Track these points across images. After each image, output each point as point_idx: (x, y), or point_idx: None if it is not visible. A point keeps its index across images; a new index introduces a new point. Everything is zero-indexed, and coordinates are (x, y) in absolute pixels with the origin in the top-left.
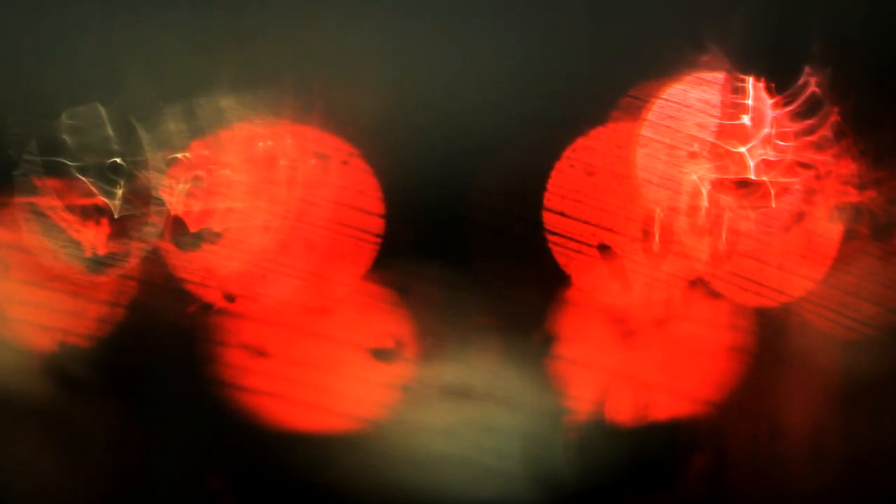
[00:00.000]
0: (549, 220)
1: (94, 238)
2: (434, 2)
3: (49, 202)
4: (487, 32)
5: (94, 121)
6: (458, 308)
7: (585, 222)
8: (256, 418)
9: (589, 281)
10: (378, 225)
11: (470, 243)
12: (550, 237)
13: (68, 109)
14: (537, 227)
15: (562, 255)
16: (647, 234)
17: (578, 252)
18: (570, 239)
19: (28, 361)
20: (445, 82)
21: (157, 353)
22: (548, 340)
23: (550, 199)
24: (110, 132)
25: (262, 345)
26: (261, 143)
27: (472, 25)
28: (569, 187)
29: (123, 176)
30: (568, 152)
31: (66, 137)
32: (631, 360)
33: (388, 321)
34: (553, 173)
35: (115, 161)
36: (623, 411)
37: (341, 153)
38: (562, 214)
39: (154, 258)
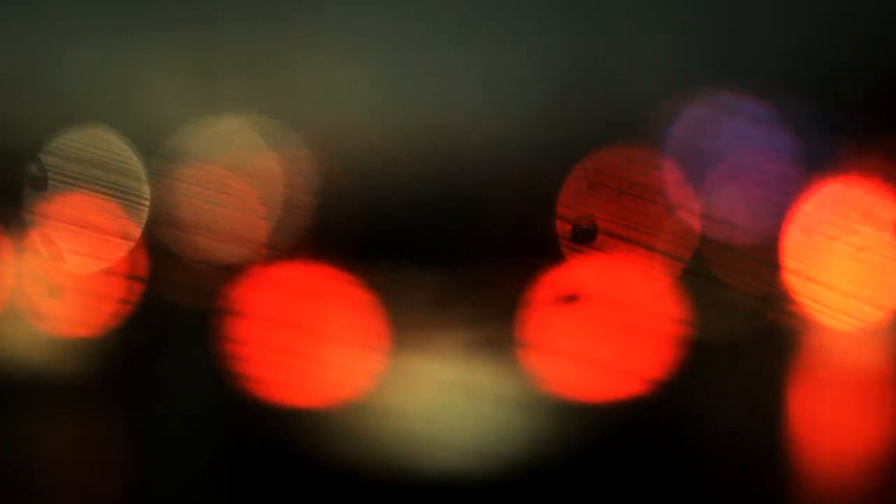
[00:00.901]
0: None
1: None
2: (445, 18)
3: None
4: (499, 54)
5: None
6: (441, 301)
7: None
8: (250, 398)
9: (580, 278)
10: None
11: (461, 243)
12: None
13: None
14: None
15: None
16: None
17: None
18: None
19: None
20: (454, 99)
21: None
22: (528, 332)
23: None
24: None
25: (256, 335)
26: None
27: (483, 43)
28: (575, 199)
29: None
30: (579, 168)
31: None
32: (614, 350)
33: (376, 314)
34: (564, 187)
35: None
36: (595, 395)
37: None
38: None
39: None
